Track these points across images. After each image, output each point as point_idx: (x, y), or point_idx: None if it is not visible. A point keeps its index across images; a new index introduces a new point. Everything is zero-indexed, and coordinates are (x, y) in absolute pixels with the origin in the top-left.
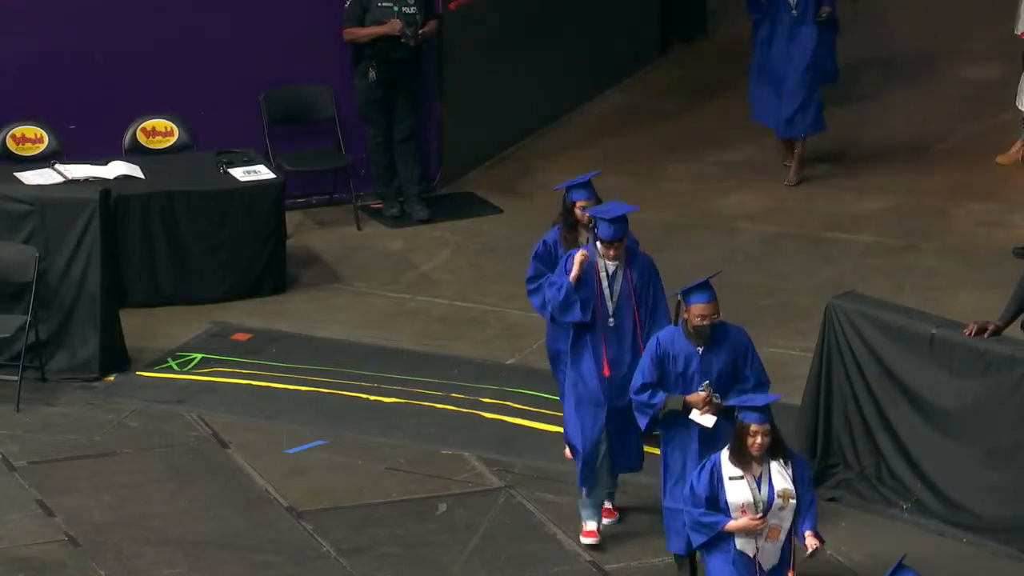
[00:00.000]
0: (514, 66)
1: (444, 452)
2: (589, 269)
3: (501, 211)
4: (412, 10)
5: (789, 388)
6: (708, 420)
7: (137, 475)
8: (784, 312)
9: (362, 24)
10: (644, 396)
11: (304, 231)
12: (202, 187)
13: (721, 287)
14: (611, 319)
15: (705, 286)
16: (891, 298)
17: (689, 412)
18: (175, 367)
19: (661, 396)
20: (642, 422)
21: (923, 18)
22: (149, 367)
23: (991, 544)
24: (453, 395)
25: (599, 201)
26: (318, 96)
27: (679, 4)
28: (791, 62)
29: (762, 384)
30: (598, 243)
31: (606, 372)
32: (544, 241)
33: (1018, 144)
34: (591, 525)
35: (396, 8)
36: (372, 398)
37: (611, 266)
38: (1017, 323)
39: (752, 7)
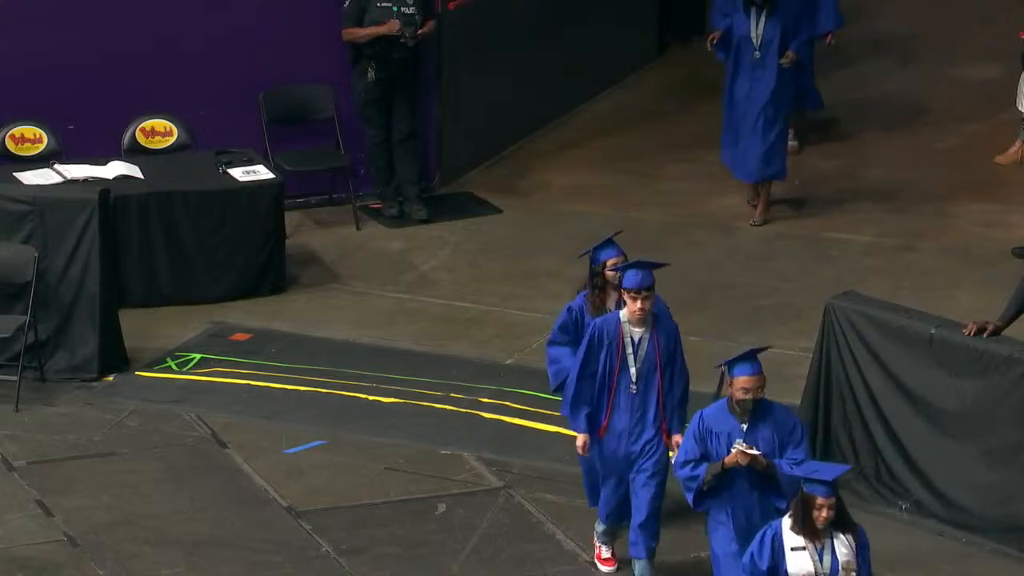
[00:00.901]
0: (513, 66)
1: (443, 452)
2: (612, 338)
3: (500, 211)
4: (411, 10)
5: (788, 388)
6: (754, 451)
7: (136, 475)
8: (783, 312)
9: (360, 24)
10: (687, 471)
11: (303, 231)
12: (201, 187)
13: (720, 287)
14: (633, 386)
15: (750, 357)
16: (890, 298)
17: (726, 472)
18: (174, 367)
19: (703, 467)
20: (689, 497)
21: (922, 18)
22: (148, 367)
23: (990, 544)
24: (452, 395)
25: (627, 259)
26: (317, 96)
27: (677, 5)
28: (753, 105)
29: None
30: (623, 308)
31: (600, 433)
32: (569, 308)
33: (1017, 144)
34: (607, 552)
35: (395, 8)
36: (371, 398)
37: (636, 333)
38: (1018, 323)
39: (721, 49)
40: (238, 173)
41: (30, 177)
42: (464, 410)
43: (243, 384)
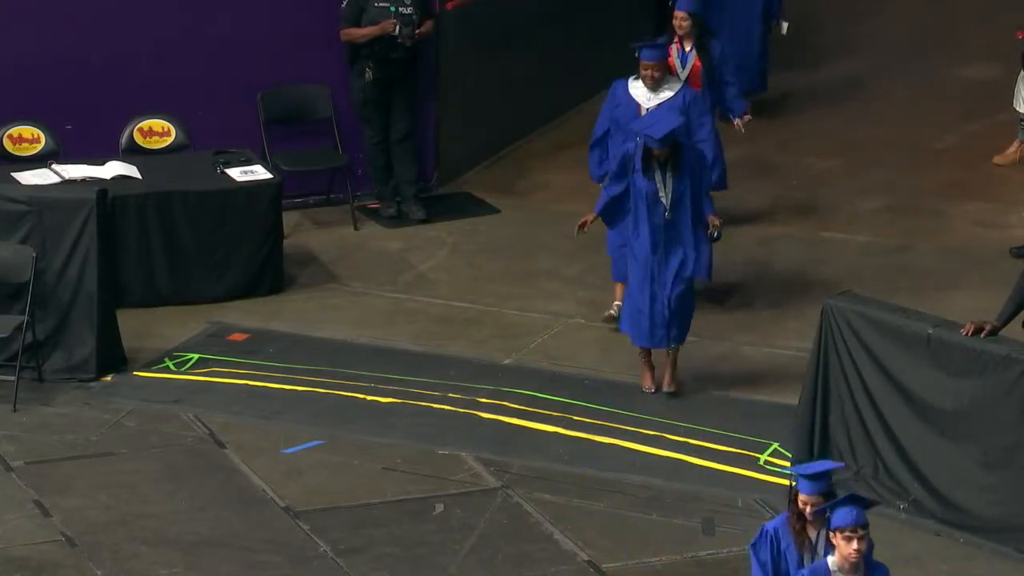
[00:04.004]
0: (511, 66)
1: (441, 452)
2: None
3: (498, 211)
4: (409, 10)
5: (786, 389)
6: None
7: (134, 475)
8: (781, 312)
9: (359, 24)
10: None
11: (301, 231)
12: (199, 187)
13: (718, 287)
14: None
15: None
16: (888, 298)
17: None
18: (172, 367)
19: None
20: None
21: (922, 18)
22: (146, 367)
23: (988, 544)
24: (450, 395)
25: (832, 491)
26: (316, 96)
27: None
28: (667, 268)
29: None
30: (832, 555)
31: None
32: (763, 531)
33: (1015, 144)
34: None
35: (393, 8)
36: (369, 398)
37: None
38: (1016, 323)
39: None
40: (236, 173)
41: (28, 177)
42: (462, 410)
43: (241, 384)
